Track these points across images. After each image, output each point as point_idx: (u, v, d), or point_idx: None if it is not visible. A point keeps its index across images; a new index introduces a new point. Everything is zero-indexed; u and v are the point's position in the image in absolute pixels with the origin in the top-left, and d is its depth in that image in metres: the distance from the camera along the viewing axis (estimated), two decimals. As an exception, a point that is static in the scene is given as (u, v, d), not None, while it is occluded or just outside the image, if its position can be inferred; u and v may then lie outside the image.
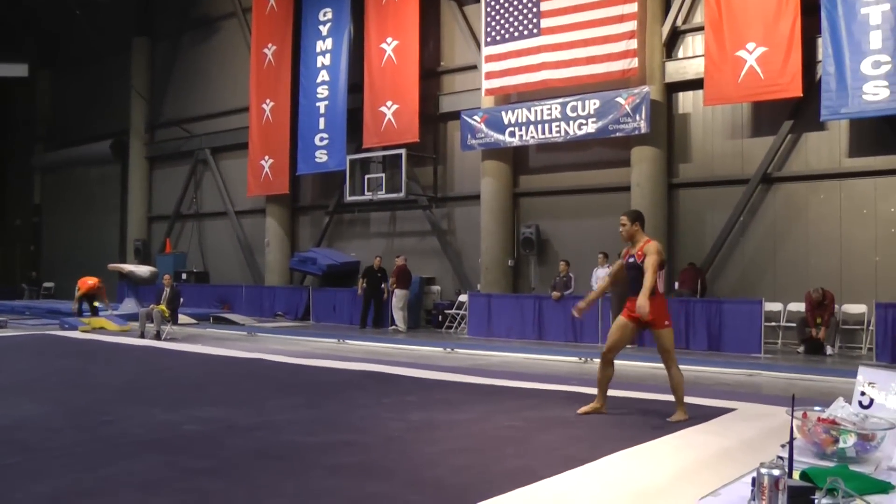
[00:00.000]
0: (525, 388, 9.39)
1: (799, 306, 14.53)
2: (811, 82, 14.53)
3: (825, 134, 14.97)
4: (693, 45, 16.44)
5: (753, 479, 3.04)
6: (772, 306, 14.79)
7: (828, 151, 14.98)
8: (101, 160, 30.57)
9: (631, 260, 7.50)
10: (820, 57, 14.40)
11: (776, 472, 2.92)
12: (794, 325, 14.51)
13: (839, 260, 14.69)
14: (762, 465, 2.98)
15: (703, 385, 9.69)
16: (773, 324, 14.78)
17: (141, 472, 5.27)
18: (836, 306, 14.07)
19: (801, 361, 12.75)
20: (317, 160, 21.96)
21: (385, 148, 20.34)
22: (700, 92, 15.83)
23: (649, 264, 7.23)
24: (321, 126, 21.89)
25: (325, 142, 21.75)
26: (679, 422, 7.13)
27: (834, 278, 14.55)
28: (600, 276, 15.56)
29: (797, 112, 15.03)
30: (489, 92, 18.35)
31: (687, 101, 16.59)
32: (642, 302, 7.08)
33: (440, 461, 5.64)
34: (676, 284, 15.89)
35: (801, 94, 14.34)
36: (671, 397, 8.15)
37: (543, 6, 17.33)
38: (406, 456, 5.83)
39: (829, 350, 13.65)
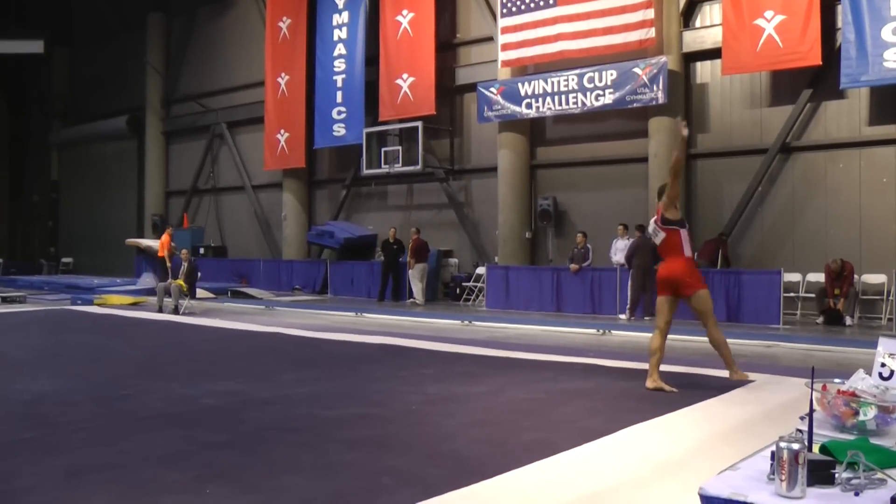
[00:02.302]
0: (542, 361, 9.35)
1: (818, 277, 14.41)
2: (830, 50, 14.32)
3: (845, 102, 14.76)
4: (711, 13, 16.22)
5: (772, 453, 3.00)
6: (791, 277, 14.67)
7: (847, 120, 14.79)
8: (118, 136, 30.65)
9: (652, 224, 7.68)
10: (839, 24, 14.17)
11: (795, 446, 2.88)
12: (812, 295, 14.42)
13: (858, 230, 14.53)
14: (781, 438, 2.94)
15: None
16: (792, 294, 14.66)
17: (159, 445, 5.30)
18: (856, 276, 13.95)
19: (821, 332, 12.65)
20: (334, 134, 21.90)
21: (401, 121, 20.26)
22: (718, 61, 15.64)
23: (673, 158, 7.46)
24: (339, 100, 21.81)
25: (343, 115, 21.68)
26: (740, 380, 7.42)
27: (853, 248, 14.42)
28: (619, 247, 15.50)
29: (816, 80, 14.82)
30: (505, 63, 18.20)
31: (705, 71, 16.40)
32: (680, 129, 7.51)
33: (458, 434, 5.64)
34: (696, 255, 15.80)
35: (821, 63, 14.14)
36: (689, 369, 8.13)
37: (560, -25, 17.14)
38: (423, 429, 5.83)
39: (848, 321, 13.54)
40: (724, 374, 7.86)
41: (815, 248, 14.91)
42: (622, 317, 14.84)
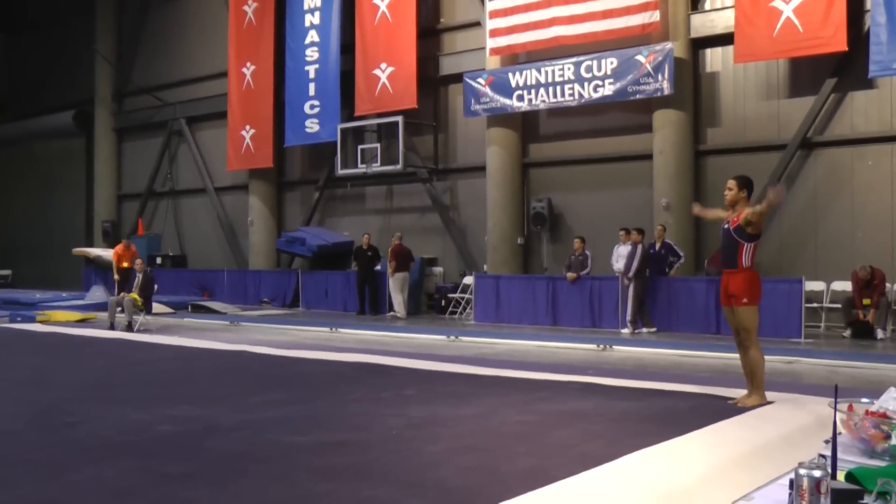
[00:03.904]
0: (537, 380, 9.35)
1: (844, 285, 14.47)
2: (857, 34, 14.39)
3: (874, 93, 14.84)
4: (722, -5, 16.33)
5: (791, 481, 3.01)
6: (813, 286, 14.72)
7: (877, 112, 14.86)
8: (64, 133, 30.47)
9: (725, 226, 7.71)
10: (868, 6, 14.26)
11: (817, 473, 2.88)
12: (838, 306, 14.46)
13: (890, 233, 14.61)
14: (801, 464, 2.94)
15: (735, 374, 9.62)
16: (815, 305, 14.72)
17: (111, 478, 5.26)
18: (888, 285, 13.98)
19: (847, 347, 12.70)
20: (307, 130, 21.89)
21: (380, 115, 20.26)
22: (730, 48, 15.72)
23: (751, 210, 7.45)
24: (311, 92, 21.80)
25: (316, 110, 21.68)
26: (751, 407, 7.42)
27: (884, 254, 14.49)
28: (622, 254, 15.50)
29: (841, 69, 14.90)
30: (494, 51, 18.24)
31: (715, 59, 16.48)
32: (774, 197, 7.48)
33: (443, 461, 5.63)
34: (706, 262, 15.86)
35: (846, 48, 14.19)
36: (698, 388, 8.15)
37: (554, -46, 17.21)
38: (405, 456, 5.81)
39: (879, 334, 13.57)
40: (739, 392, 7.87)
41: (841, 253, 14.98)
42: (624, 331, 14.86)
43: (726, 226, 7.68)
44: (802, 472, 2.90)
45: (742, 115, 16.20)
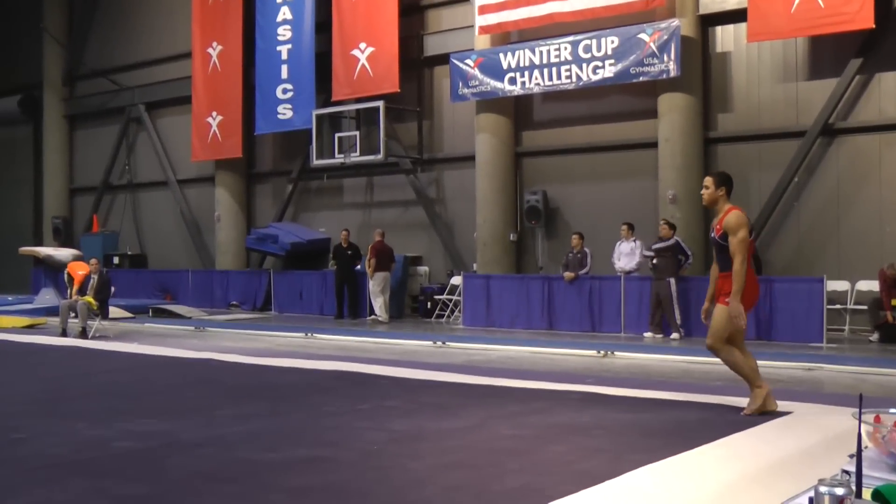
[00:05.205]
0: (531, 389, 9.35)
1: (871, 285, 14.53)
2: (886, 10, 14.45)
3: (905, 74, 14.93)
4: (733, -33, 16.36)
5: (811, 499, 2.99)
6: (836, 285, 14.77)
7: (908, 96, 14.94)
8: (8, 120, 30.41)
9: (712, 234, 7.73)
10: (897, -21, 14.32)
11: (840, 491, 2.86)
12: (864, 307, 14.53)
13: (920, 228, 14.70)
14: (822, 481, 2.92)
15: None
16: (838, 307, 14.77)
17: (61, 501, 5.22)
18: (920, 284, 14.05)
19: (874, 352, 12.77)
20: (279, 116, 21.86)
21: (359, 100, 20.27)
22: (743, 25, 15.74)
23: (737, 250, 7.34)
24: (283, 75, 21.77)
25: (289, 94, 21.64)
26: (759, 410, 7.49)
27: (915, 250, 14.56)
28: (624, 251, 15.53)
29: (868, 48, 14.95)
30: (484, 30, 18.22)
31: (727, 37, 16.51)
32: (735, 308, 7.31)
33: (428, 480, 5.61)
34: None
35: (874, 26, 14.19)
36: (709, 398, 8.16)
37: (549, -78, 17.21)
38: (386, 474, 5.80)
39: (910, 337, 13.65)
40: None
41: (867, 250, 15.04)
42: (657, 336, 14.75)
43: (713, 234, 7.72)
44: (823, 489, 2.88)
45: (756, 99, 16.24)
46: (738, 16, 15.89)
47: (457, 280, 18.31)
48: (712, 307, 7.72)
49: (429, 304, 19.08)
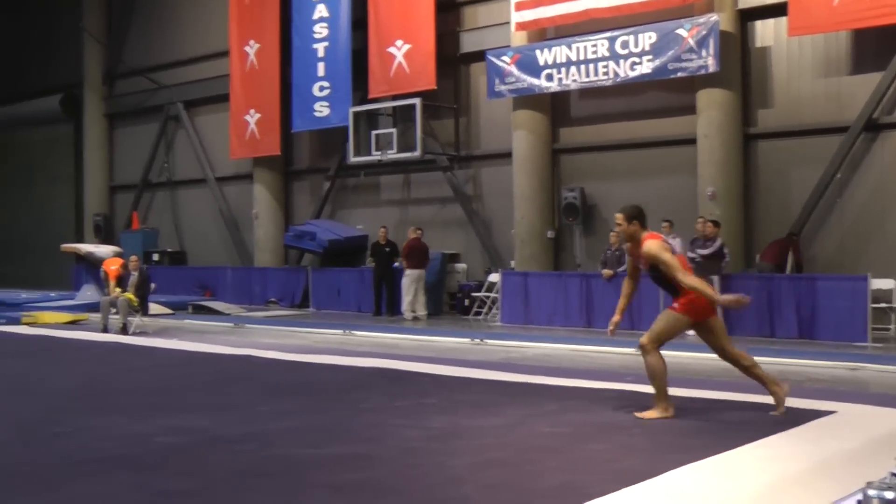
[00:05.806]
0: (569, 387, 9.35)
1: (918, 283, 14.37)
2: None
3: (953, 68, 14.72)
4: (773, -40, 16.21)
5: (859, 502, 2.97)
6: (881, 283, 14.53)
7: (957, 89, 14.74)
8: (50, 119, 30.61)
9: (640, 266, 7.82)
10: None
11: (890, 495, 2.84)
12: (911, 306, 14.37)
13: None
14: (870, 484, 2.90)
15: (793, 381, 9.58)
16: (884, 305, 14.54)
17: (103, 495, 5.28)
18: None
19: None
20: (316, 114, 21.91)
21: (395, 97, 20.26)
22: (783, 19, 15.57)
23: (672, 272, 7.40)
24: (320, 73, 21.81)
25: (327, 91, 21.67)
26: (650, 419, 7.45)
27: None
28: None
29: (914, 41, 14.77)
30: (520, 26, 18.18)
31: (767, 32, 16.36)
32: (721, 298, 7.62)
33: (466, 477, 5.62)
34: (758, 258, 15.74)
35: (922, 18, 14.04)
36: (750, 397, 8.11)
37: (587, -83, 17.14)
38: (424, 471, 5.82)
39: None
40: (797, 402, 7.77)
41: (913, 247, 14.88)
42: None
43: (641, 266, 7.81)
44: (872, 492, 2.86)
45: (797, 94, 16.07)
46: (778, 10, 15.70)
47: (494, 277, 18.27)
48: (620, 320, 8.21)
49: (466, 301, 19.06)
